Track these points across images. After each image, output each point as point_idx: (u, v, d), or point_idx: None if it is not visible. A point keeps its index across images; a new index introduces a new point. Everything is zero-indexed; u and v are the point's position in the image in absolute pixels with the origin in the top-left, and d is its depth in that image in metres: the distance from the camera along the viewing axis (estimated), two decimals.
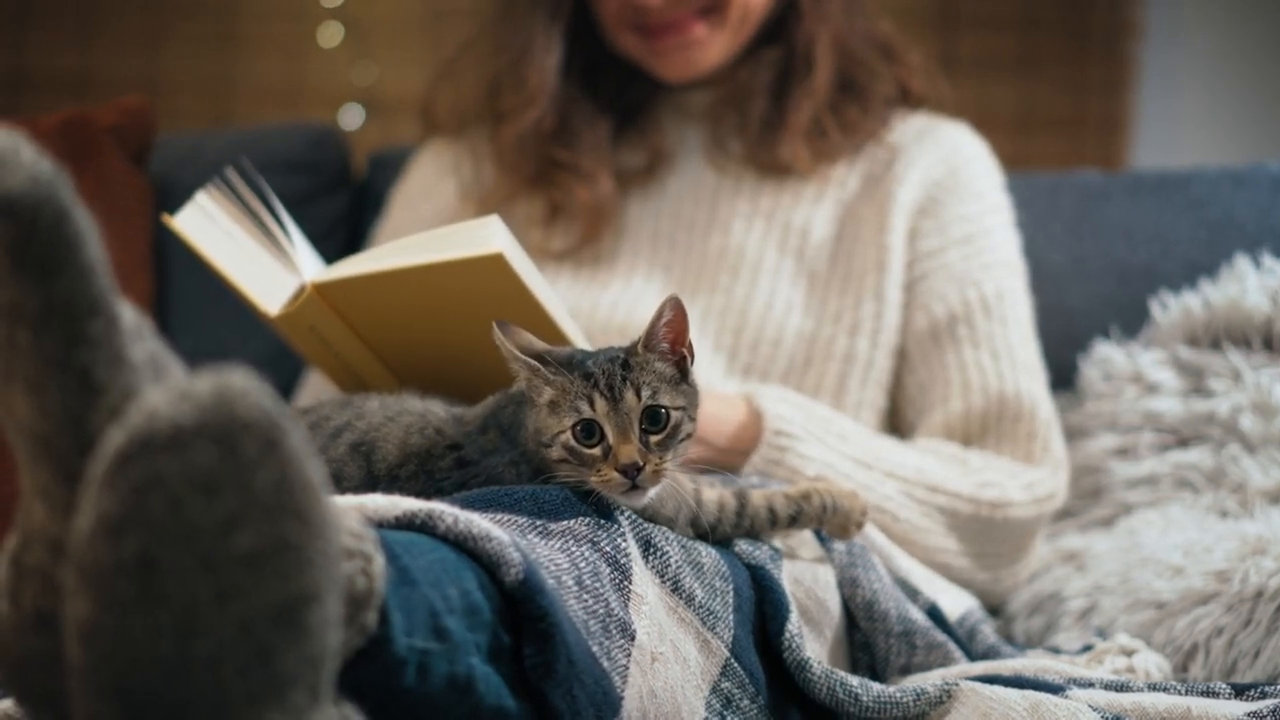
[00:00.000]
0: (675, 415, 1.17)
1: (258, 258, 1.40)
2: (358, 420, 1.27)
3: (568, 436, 1.16)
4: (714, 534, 1.27)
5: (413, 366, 1.44)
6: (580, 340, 1.39)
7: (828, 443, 1.60)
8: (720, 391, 1.65)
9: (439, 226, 1.88)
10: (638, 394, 1.16)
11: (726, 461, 1.56)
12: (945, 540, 1.65)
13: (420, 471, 1.23)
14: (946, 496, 1.65)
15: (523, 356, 1.18)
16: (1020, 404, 1.76)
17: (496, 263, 1.29)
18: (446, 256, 1.30)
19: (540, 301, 1.33)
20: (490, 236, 1.29)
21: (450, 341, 1.38)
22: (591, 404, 1.15)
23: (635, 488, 1.15)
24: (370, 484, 1.23)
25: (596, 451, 1.15)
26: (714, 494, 1.28)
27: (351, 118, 2.74)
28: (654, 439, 1.16)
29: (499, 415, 1.25)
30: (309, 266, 1.43)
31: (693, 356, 1.21)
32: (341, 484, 1.23)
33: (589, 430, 1.16)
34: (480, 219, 1.33)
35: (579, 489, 1.16)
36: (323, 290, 1.37)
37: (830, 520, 1.34)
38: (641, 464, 1.14)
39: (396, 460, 1.24)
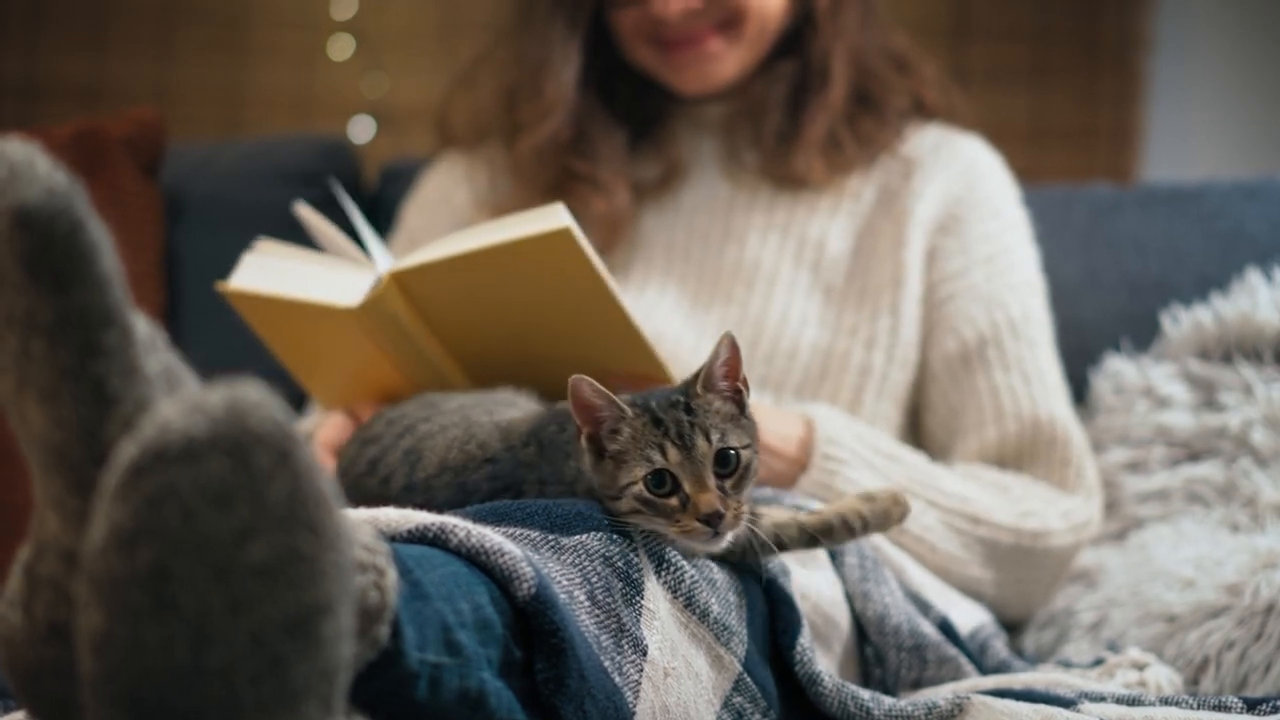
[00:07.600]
0: (745, 455, 1.16)
1: (318, 275, 1.43)
2: (423, 424, 1.30)
3: (640, 488, 1.14)
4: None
5: (482, 362, 1.46)
6: (639, 324, 1.39)
7: (875, 465, 1.59)
8: (771, 408, 1.65)
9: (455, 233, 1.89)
10: (708, 438, 1.14)
11: (791, 473, 1.55)
12: (983, 571, 1.65)
13: (454, 483, 1.25)
14: (988, 528, 1.64)
15: (615, 398, 1.14)
16: (1054, 429, 1.75)
17: (564, 238, 1.30)
18: (514, 235, 1.32)
19: (605, 281, 1.34)
20: (556, 215, 1.31)
21: (518, 333, 1.39)
22: (663, 453, 1.13)
23: (716, 534, 1.14)
24: (409, 489, 1.26)
25: (674, 502, 1.14)
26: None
27: (362, 129, 2.74)
28: (728, 483, 1.15)
29: (541, 432, 1.25)
30: (384, 262, 1.45)
31: (748, 389, 1.20)
32: (390, 485, 1.26)
33: (660, 480, 1.14)
34: (543, 207, 1.34)
35: (631, 531, 1.14)
36: (399, 279, 1.39)
37: (868, 530, 1.30)
38: (723, 511, 1.13)
39: (434, 471, 1.27)
